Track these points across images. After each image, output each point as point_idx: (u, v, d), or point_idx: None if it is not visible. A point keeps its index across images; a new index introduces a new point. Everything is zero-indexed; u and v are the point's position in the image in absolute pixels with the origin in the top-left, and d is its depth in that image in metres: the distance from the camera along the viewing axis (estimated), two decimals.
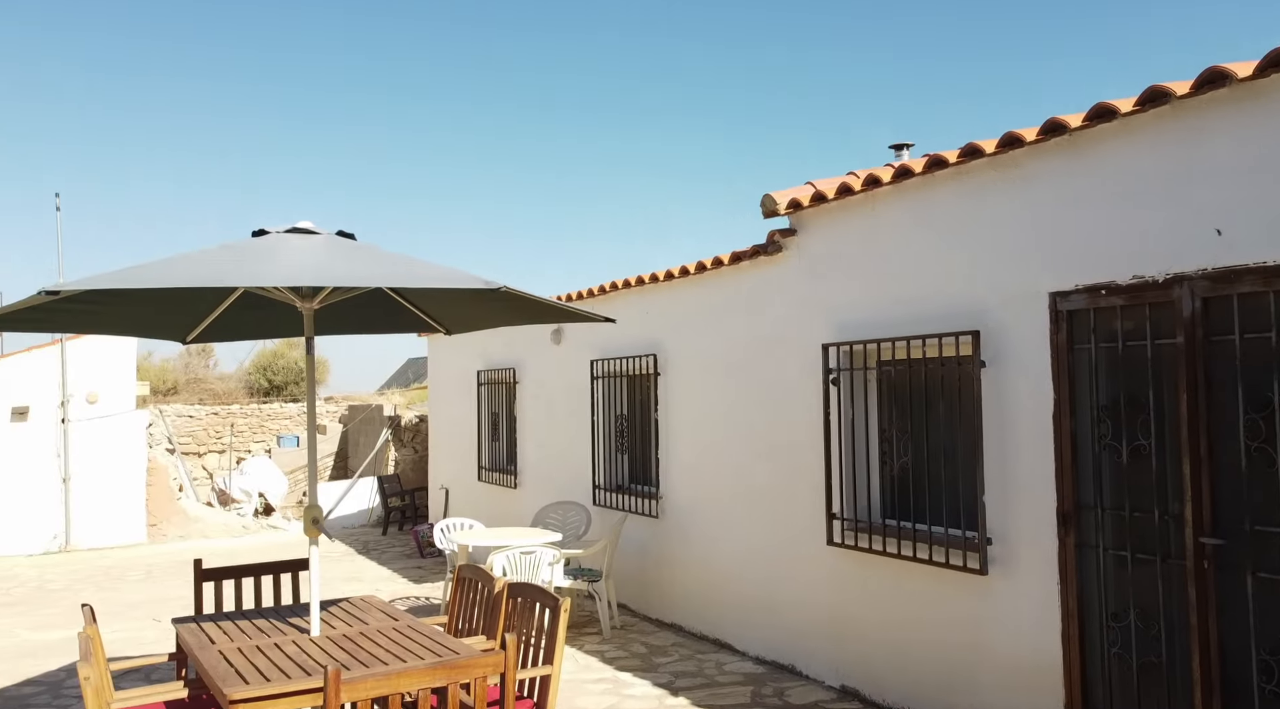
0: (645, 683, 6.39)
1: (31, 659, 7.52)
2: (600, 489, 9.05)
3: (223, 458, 19.42)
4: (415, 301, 5.25)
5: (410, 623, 4.72)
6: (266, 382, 23.84)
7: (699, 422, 7.66)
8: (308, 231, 4.10)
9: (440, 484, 13.55)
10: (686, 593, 7.80)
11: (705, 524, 7.57)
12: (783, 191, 6.25)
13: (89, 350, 14.24)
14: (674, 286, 7.96)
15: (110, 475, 14.17)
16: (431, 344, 13.72)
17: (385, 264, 3.73)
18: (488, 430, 11.90)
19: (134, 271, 3.35)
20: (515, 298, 4.67)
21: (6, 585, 10.93)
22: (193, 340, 5.19)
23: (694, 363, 7.72)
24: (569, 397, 9.67)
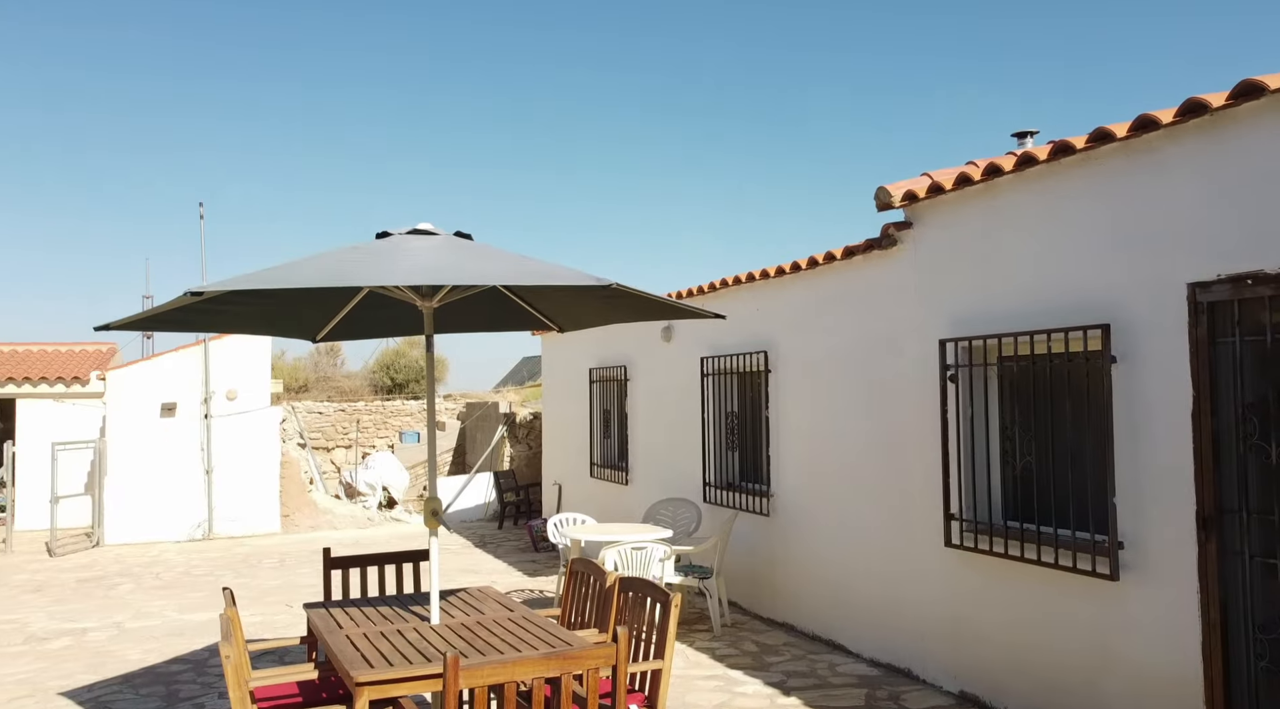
0: (756, 682, 6.35)
1: (179, 638, 8.04)
2: (711, 486, 9.04)
3: (349, 453, 20.31)
4: (529, 300, 5.37)
5: (525, 614, 4.82)
6: (389, 379, 24.80)
7: (811, 419, 7.56)
8: (427, 232, 4.24)
9: (554, 480, 13.80)
10: (798, 592, 7.71)
11: (817, 523, 7.46)
12: (897, 183, 6.10)
13: (229, 350, 15.13)
14: (784, 283, 7.88)
15: (248, 468, 15.02)
16: (545, 343, 13.99)
17: (500, 262, 3.83)
18: (599, 427, 12.05)
19: (268, 273, 3.55)
20: (626, 295, 4.71)
21: (156, 570, 11.72)
22: (322, 339, 5.45)
23: (805, 359, 7.62)
24: (679, 394, 9.70)
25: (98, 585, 10.71)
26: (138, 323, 4.26)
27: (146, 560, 12.52)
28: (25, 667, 7.21)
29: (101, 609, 9.34)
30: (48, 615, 9.09)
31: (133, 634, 8.24)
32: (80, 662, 7.32)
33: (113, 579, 11.09)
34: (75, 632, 8.38)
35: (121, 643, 7.92)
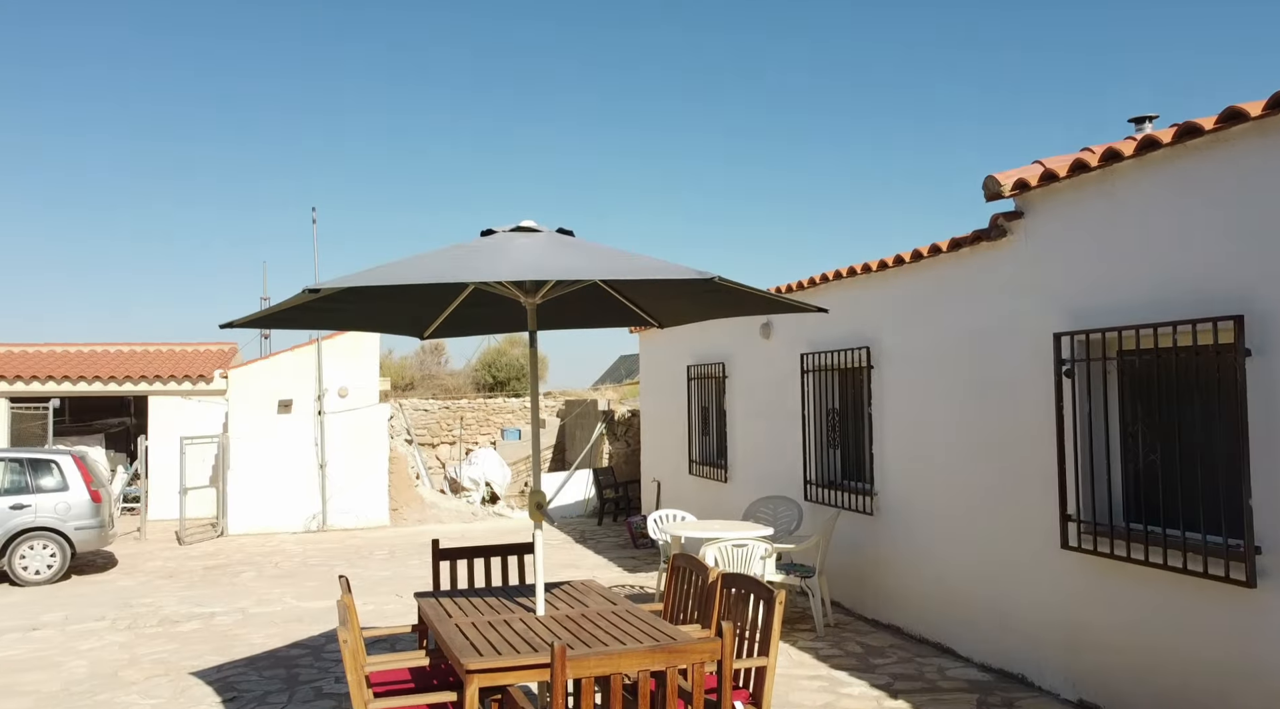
0: (862, 683, 6.23)
1: (298, 624, 8.41)
2: (812, 484, 8.92)
3: (453, 449, 20.85)
4: (629, 295, 5.40)
5: (628, 607, 4.85)
6: (491, 377, 25.36)
7: (917, 416, 7.37)
8: (531, 229, 4.31)
9: (652, 477, 13.85)
10: (904, 593, 7.53)
11: (924, 523, 7.27)
12: (1007, 172, 5.89)
13: (340, 349, 15.72)
14: (887, 277, 7.71)
15: (358, 463, 15.59)
16: (643, 341, 14.05)
17: (603, 258, 3.86)
18: (698, 424, 12.03)
19: (380, 271, 3.67)
20: (727, 289, 4.69)
21: (275, 559, 12.27)
22: (429, 336, 5.61)
23: (910, 355, 7.44)
24: (779, 390, 9.60)
25: (223, 573, 11.29)
26: (259, 320, 4.47)
27: (266, 550, 13.13)
28: (160, 647, 7.66)
29: (227, 595, 9.84)
30: (178, 600, 9.63)
31: (256, 619, 8.65)
32: (209, 644, 7.73)
33: (236, 567, 11.67)
34: (204, 616, 8.85)
35: (245, 627, 8.33)
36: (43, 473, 11.22)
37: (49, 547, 10.93)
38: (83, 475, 11.34)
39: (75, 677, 6.83)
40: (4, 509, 10.84)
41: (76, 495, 11.19)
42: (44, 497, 11.06)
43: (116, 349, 19.39)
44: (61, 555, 10.96)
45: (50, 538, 10.94)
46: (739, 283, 3.77)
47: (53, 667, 7.12)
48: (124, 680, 6.70)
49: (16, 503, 10.90)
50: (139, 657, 7.36)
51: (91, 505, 11.23)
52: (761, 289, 4.03)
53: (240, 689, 6.43)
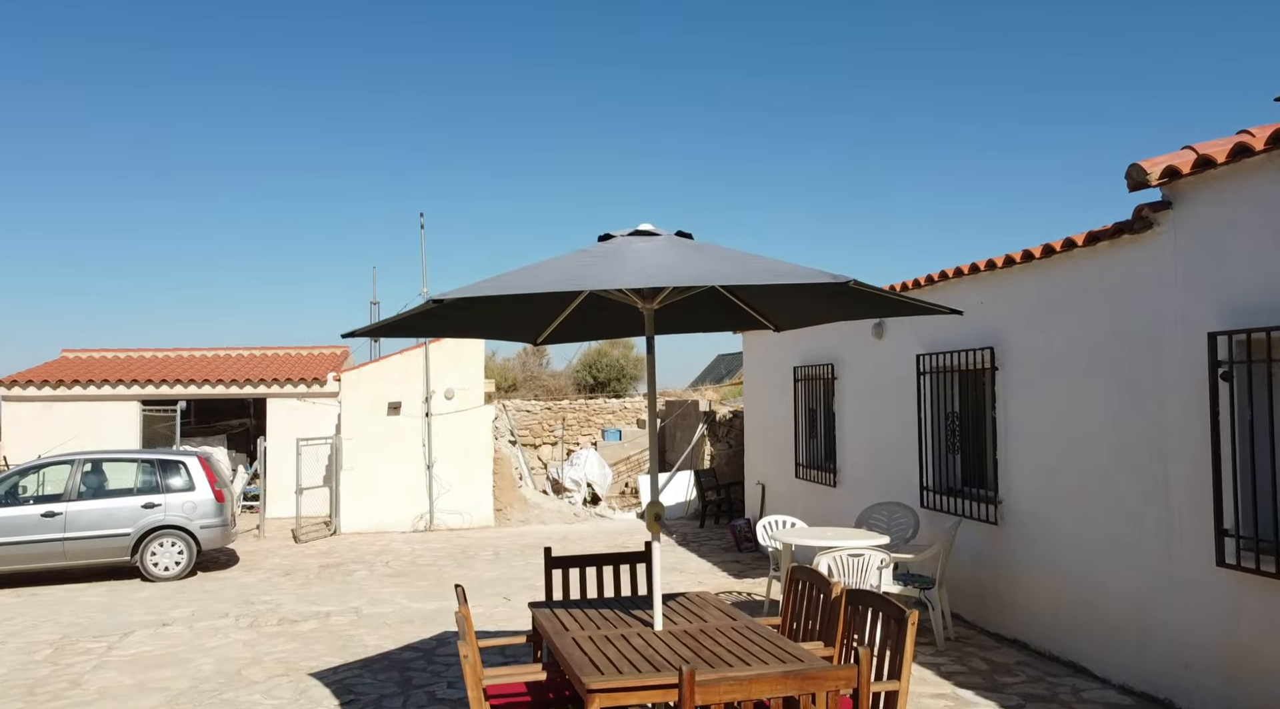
0: (990, 703, 5.90)
1: (409, 626, 8.52)
2: (929, 491, 8.55)
3: (555, 449, 21.00)
4: (747, 299, 5.22)
5: (747, 623, 4.68)
6: (592, 378, 25.48)
7: (1049, 420, 6.95)
8: (649, 234, 4.19)
9: (756, 479, 13.61)
10: (1032, 607, 7.13)
11: (1055, 533, 6.86)
12: (1154, 159, 5.46)
13: (446, 352, 16.00)
14: (1014, 274, 7.30)
15: (464, 463, 15.83)
16: (747, 340, 13.82)
17: (726, 262, 3.70)
18: (805, 427, 11.74)
19: (501, 280, 3.60)
20: (852, 292, 4.46)
21: (386, 558, 12.54)
22: (542, 342, 5.55)
23: (1040, 355, 7.02)
24: (892, 392, 9.25)
25: (337, 571, 11.58)
26: (380, 329, 4.47)
27: (377, 549, 13.43)
28: (281, 646, 7.86)
29: (341, 594, 10.07)
30: (296, 598, 9.90)
31: (369, 620, 8.81)
32: (326, 644, 7.89)
33: (349, 566, 11.96)
34: (320, 615, 9.06)
35: (360, 628, 8.48)
36: (171, 473, 11.73)
37: (177, 544, 11.41)
38: (208, 476, 11.81)
39: (203, 674, 7.05)
40: (137, 508, 11.37)
41: (202, 495, 11.65)
42: (172, 496, 11.56)
43: (238, 354, 20.23)
44: (188, 552, 11.43)
45: (178, 535, 11.42)
46: (875, 287, 3.55)
47: (182, 663, 7.38)
48: (248, 679, 6.88)
49: (148, 502, 11.42)
50: (261, 655, 7.56)
51: (216, 504, 11.68)
52: (894, 292, 3.79)
53: (357, 692, 6.51)
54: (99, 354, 19.54)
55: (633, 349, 25.58)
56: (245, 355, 20.09)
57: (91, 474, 11.59)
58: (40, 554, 10.97)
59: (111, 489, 11.58)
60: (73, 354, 19.44)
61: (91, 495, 11.38)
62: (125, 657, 7.64)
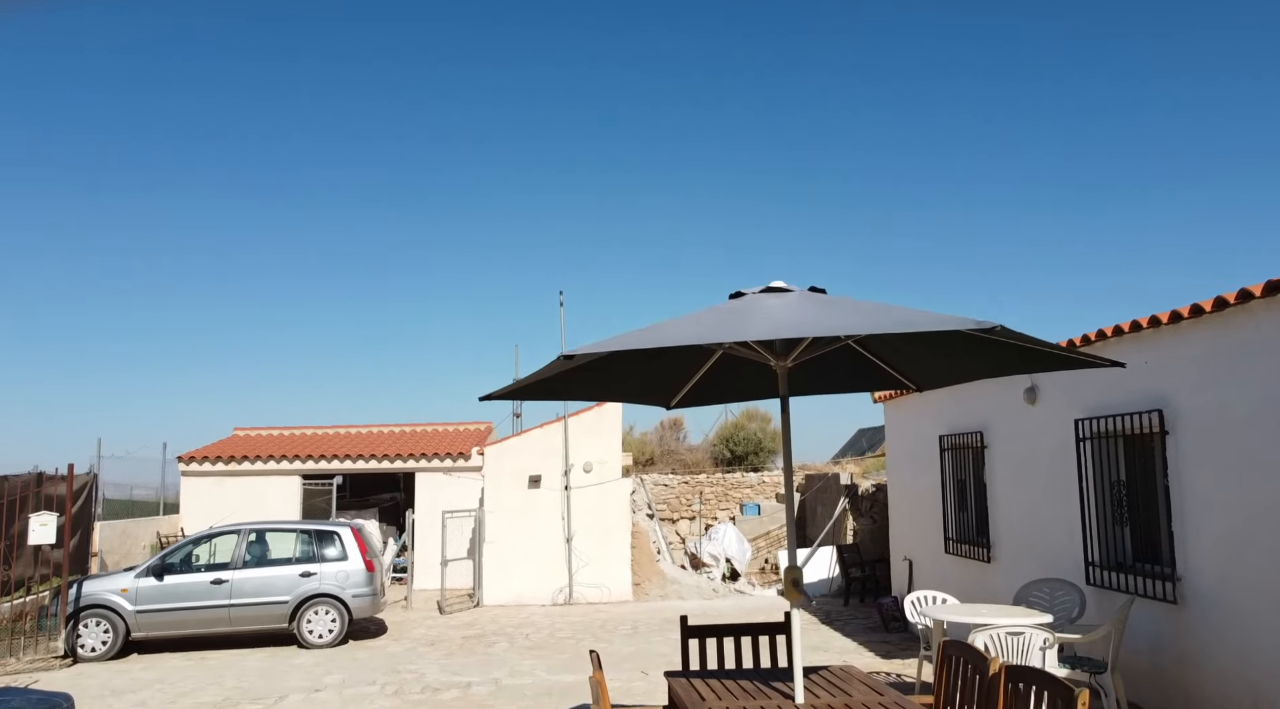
0: None
1: (547, 698, 8.46)
2: (1095, 566, 7.91)
3: (693, 524, 20.76)
4: (885, 357, 5.06)
5: (897, 699, 4.40)
6: (729, 452, 25.21)
7: (1229, 488, 6.35)
8: (781, 290, 4.13)
9: (903, 555, 12.98)
10: (1224, 698, 6.39)
11: (1248, 616, 6.18)
12: None
13: (585, 426, 16.22)
14: (1181, 331, 6.80)
15: (602, 537, 15.84)
16: (889, 409, 13.38)
17: (862, 314, 3.60)
18: (954, 499, 11.16)
19: (632, 336, 3.62)
20: (1000, 344, 4.25)
21: (526, 631, 12.59)
22: (675, 405, 5.53)
23: (1216, 418, 6.46)
24: (1049, 460, 8.69)
25: (479, 642, 11.70)
26: (515, 391, 4.57)
27: (517, 621, 13.52)
28: None
29: (482, 665, 10.14)
30: (439, 668, 10.03)
31: (509, 691, 8.81)
32: None
33: (490, 638, 12.07)
34: (461, 685, 9.14)
35: (499, 698, 8.49)
36: (326, 544, 12.25)
37: (330, 612, 11.84)
38: (360, 546, 12.27)
39: None
40: (295, 576, 11.91)
41: (354, 565, 12.10)
42: (328, 565, 12.05)
43: (389, 430, 21.18)
44: (341, 621, 11.82)
45: (332, 604, 11.85)
46: (1022, 334, 3.36)
47: None
48: None
49: (305, 571, 11.94)
50: None
51: (367, 575, 12.09)
52: (1046, 341, 3.57)
53: None
54: (266, 432, 20.86)
55: (770, 423, 25.24)
56: (396, 432, 21.00)
57: (256, 544, 12.25)
58: (209, 620, 11.60)
59: (273, 558, 12.19)
60: (243, 432, 20.83)
61: (255, 564, 12.00)
62: None
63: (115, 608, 11.40)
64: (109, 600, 11.42)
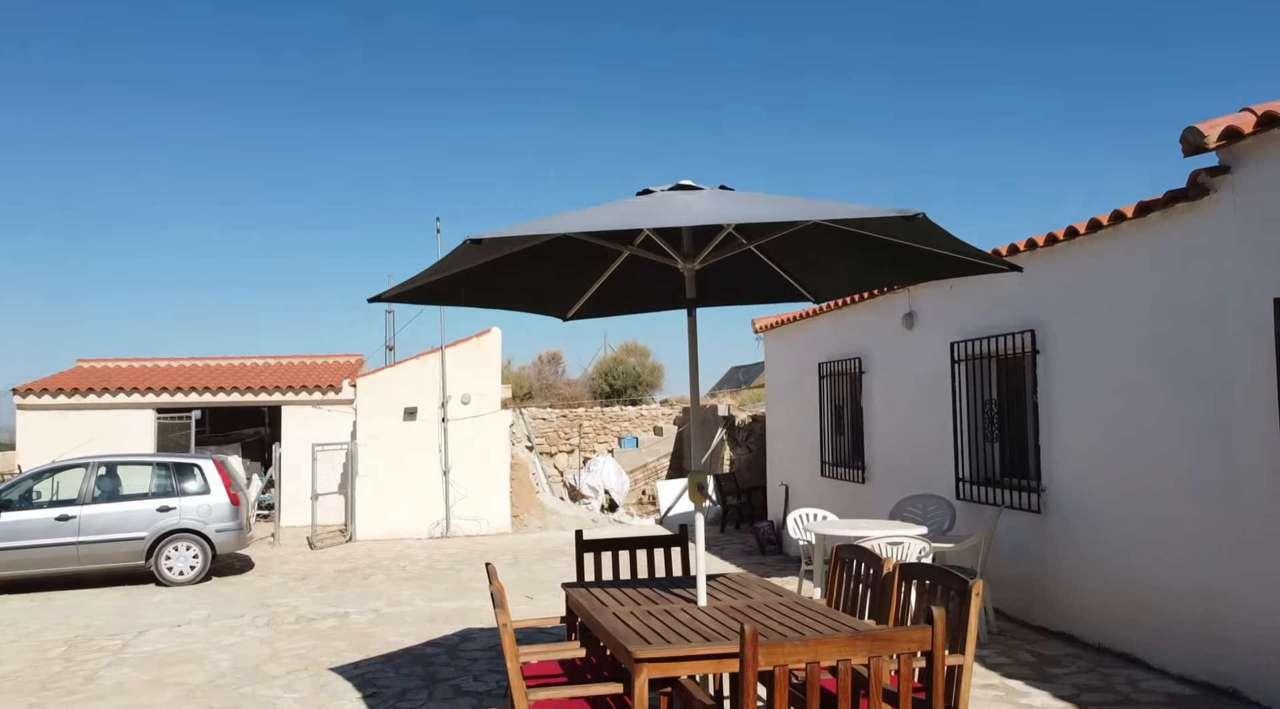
0: (1043, 693, 5.63)
1: (431, 624, 8.28)
2: (965, 482, 8.29)
3: (571, 457, 20.77)
4: (787, 266, 5.02)
5: (796, 600, 4.45)
6: (608, 386, 25.26)
7: (1095, 403, 6.70)
8: (690, 187, 3.99)
9: (780, 481, 13.34)
10: (1079, 598, 6.84)
11: (1105, 522, 6.59)
12: (1211, 122, 5.24)
13: (463, 357, 15.82)
14: (1055, 253, 7.07)
15: (481, 469, 15.61)
16: (769, 340, 13.59)
17: (783, 204, 3.50)
18: (831, 424, 11.49)
19: (545, 222, 3.40)
20: (897, 251, 4.26)
21: (403, 564, 12.30)
22: (573, 316, 5.35)
23: (1087, 336, 6.78)
24: (925, 384, 9.01)
25: (354, 575, 11.36)
26: (407, 293, 4.28)
27: (394, 555, 13.20)
28: (300, 643, 7.63)
29: (359, 597, 9.84)
30: (313, 600, 9.68)
31: (389, 619, 8.58)
32: (345, 641, 7.67)
33: (365, 570, 11.74)
34: (339, 615, 8.84)
35: (380, 626, 8.25)
36: (186, 477, 11.55)
37: (192, 548, 11.21)
38: (223, 479, 11.62)
39: (220, 670, 6.83)
40: (151, 511, 11.19)
41: (217, 498, 11.46)
42: (187, 500, 11.37)
43: (252, 362, 20.11)
44: (204, 557, 11.23)
45: (193, 539, 11.22)
46: (941, 228, 3.33)
47: (198, 660, 7.16)
48: (266, 674, 6.66)
49: (163, 505, 11.24)
50: (279, 652, 7.34)
51: (231, 508, 11.49)
52: (956, 238, 3.57)
53: (380, 685, 6.28)
54: (114, 364, 19.45)
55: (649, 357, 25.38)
56: (260, 364, 19.97)
57: (106, 478, 11.42)
58: (54, 558, 10.79)
59: (126, 493, 11.41)
60: (88, 363, 19.35)
61: (106, 499, 11.20)
62: (140, 654, 7.43)
63: None
64: None
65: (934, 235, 3.56)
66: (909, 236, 4.07)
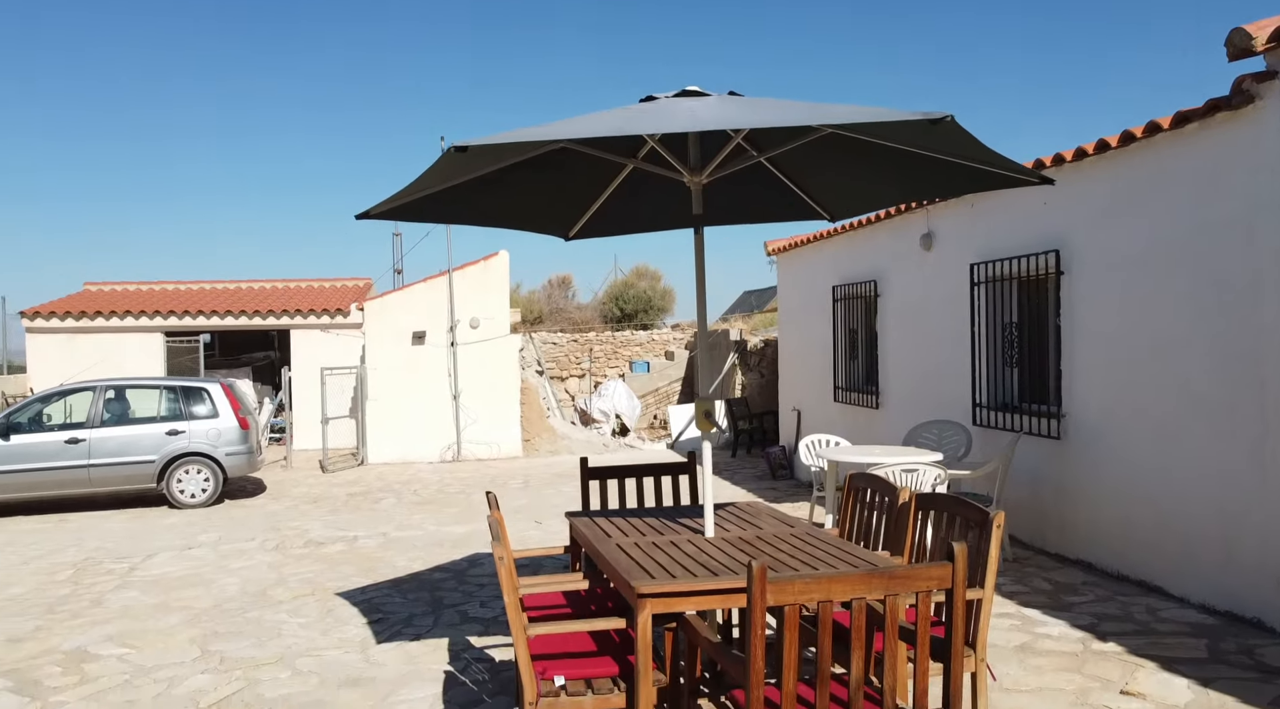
0: (1060, 623, 5.51)
1: (439, 548, 8.25)
2: (982, 407, 8.08)
3: (581, 382, 20.67)
4: (800, 181, 4.72)
5: (808, 530, 4.29)
6: (619, 310, 25.00)
7: (1120, 325, 6.43)
8: (697, 93, 3.68)
9: (792, 406, 13.19)
10: (1098, 526, 6.70)
11: (1127, 448, 6.39)
12: (1260, 23, 4.84)
13: (471, 280, 15.59)
14: (1082, 168, 6.71)
15: (491, 393, 15.52)
16: (781, 262, 13.28)
17: (797, 109, 3.20)
18: (844, 348, 11.25)
19: (536, 129, 3.13)
20: (919, 163, 3.96)
21: (414, 487, 12.30)
22: (576, 235, 5.09)
23: (1114, 257, 6.47)
24: (942, 307, 8.73)
25: (364, 499, 11.36)
26: (396, 210, 4.03)
27: (405, 478, 13.21)
28: (307, 568, 7.61)
29: (369, 521, 9.83)
30: (323, 524, 9.67)
31: (397, 543, 8.55)
32: (354, 565, 7.64)
33: (376, 494, 11.74)
34: (347, 539, 8.82)
35: (388, 551, 8.22)
36: (195, 401, 11.48)
37: (203, 471, 11.21)
38: (231, 403, 11.55)
39: (227, 594, 6.81)
40: (160, 435, 11.16)
41: (226, 422, 11.42)
42: (197, 423, 11.32)
43: (260, 286, 19.93)
44: (214, 480, 11.23)
45: (204, 463, 11.21)
46: (969, 134, 3.03)
47: (205, 584, 7.15)
48: (273, 599, 6.63)
49: (172, 429, 11.20)
50: (286, 576, 7.31)
51: (240, 432, 11.45)
52: (988, 148, 3.27)
53: (385, 611, 6.24)
54: (122, 286, 19.31)
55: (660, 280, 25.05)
56: (269, 287, 19.80)
57: (115, 401, 11.37)
58: (66, 481, 10.81)
59: (135, 417, 11.36)
60: (95, 286, 19.22)
61: (115, 422, 11.17)
62: (148, 578, 7.42)
63: None
64: None
65: (961, 142, 3.26)
66: (933, 146, 3.77)
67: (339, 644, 5.53)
